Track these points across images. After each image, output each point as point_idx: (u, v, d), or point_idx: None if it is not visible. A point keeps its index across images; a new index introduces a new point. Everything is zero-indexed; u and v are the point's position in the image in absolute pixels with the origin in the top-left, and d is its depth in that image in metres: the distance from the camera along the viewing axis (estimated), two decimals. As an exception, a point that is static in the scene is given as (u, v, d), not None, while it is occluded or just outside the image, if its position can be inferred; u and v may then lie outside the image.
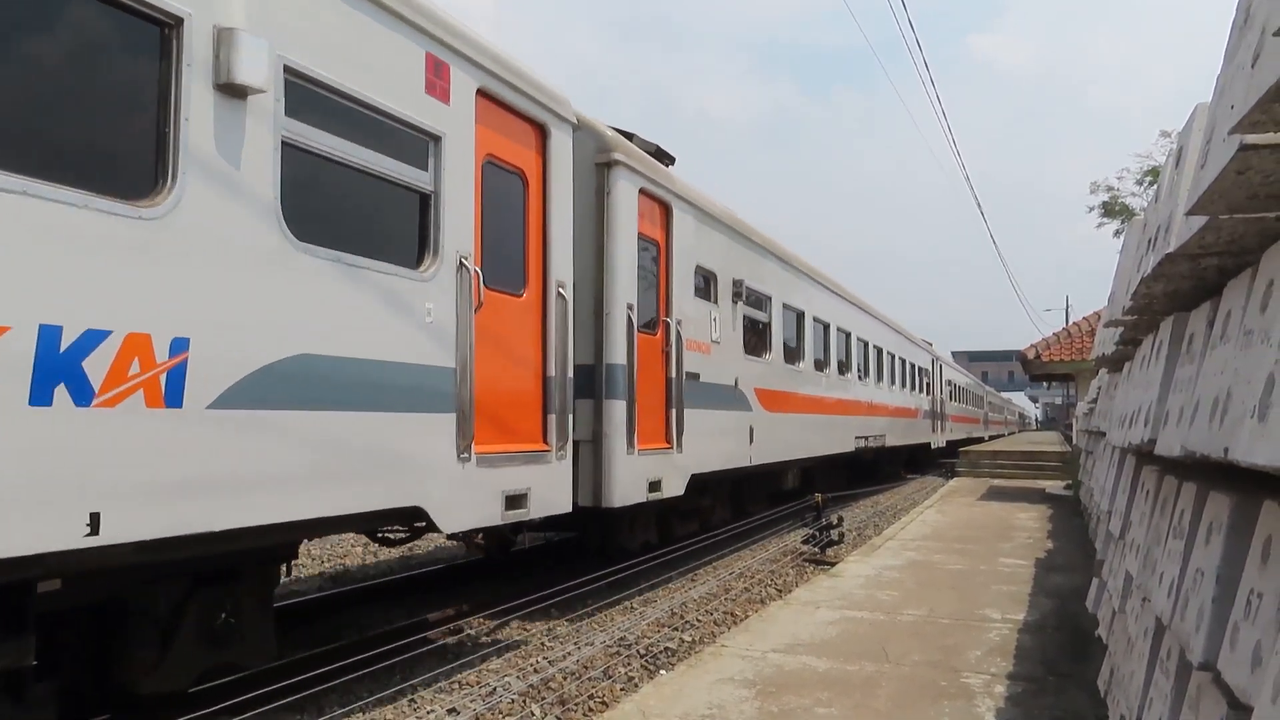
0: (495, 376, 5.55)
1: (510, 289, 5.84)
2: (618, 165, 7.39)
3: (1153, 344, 3.64)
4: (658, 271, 8.24)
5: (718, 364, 9.41)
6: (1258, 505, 1.78)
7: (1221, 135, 1.74)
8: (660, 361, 8.18)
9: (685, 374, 8.45)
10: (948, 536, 10.81)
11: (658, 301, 8.22)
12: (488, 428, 5.39)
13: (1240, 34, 1.73)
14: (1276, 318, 1.65)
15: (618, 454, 7.17)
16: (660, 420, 8.10)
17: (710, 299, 9.43)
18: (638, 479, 7.46)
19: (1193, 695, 2.01)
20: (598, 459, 7.13)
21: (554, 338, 6.18)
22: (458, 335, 5.14)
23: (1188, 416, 2.31)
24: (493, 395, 5.50)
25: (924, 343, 25.40)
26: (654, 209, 8.17)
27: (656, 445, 7.91)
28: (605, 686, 5.29)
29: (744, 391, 10.19)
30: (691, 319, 8.75)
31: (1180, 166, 2.67)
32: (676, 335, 8.33)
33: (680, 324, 8.42)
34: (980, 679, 4.84)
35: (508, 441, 5.66)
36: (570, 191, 6.50)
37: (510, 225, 5.90)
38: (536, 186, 6.14)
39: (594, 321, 7.26)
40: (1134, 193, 28.46)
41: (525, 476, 5.75)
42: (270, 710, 4.46)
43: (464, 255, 5.24)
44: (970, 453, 25.06)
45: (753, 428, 10.36)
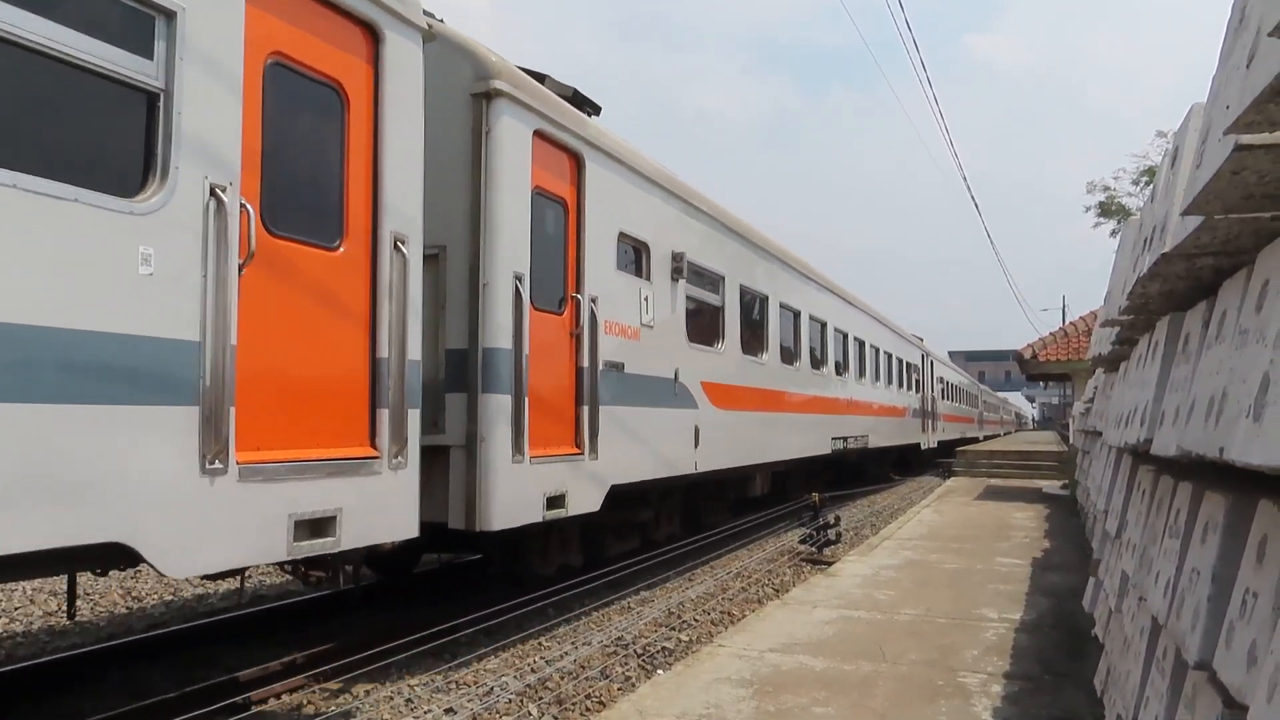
0: (284, 357, 4.11)
1: (316, 238, 4.35)
2: (501, 98, 5.85)
3: (1149, 344, 3.65)
4: (565, 237, 6.68)
5: (650, 353, 7.93)
6: (1253, 505, 1.78)
7: (1217, 135, 1.74)
8: (568, 347, 6.66)
9: (604, 363, 6.98)
10: (945, 536, 10.82)
11: (565, 274, 6.66)
12: (265, 428, 3.98)
13: (1235, 35, 1.73)
14: (1271, 317, 1.65)
15: (498, 462, 5.68)
16: (567, 420, 6.59)
17: (641, 275, 7.93)
18: (530, 493, 5.99)
19: (1188, 694, 2.02)
20: (471, 468, 5.63)
21: (389, 308, 4.68)
22: (206, 296, 3.67)
23: (1183, 416, 2.32)
24: (277, 383, 4.08)
25: (914, 338, 24.39)
26: (560, 160, 6.65)
27: (560, 450, 6.41)
28: (602, 686, 5.29)
29: (687, 386, 8.69)
30: (614, 298, 7.25)
31: (1176, 166, 2.68)
32: (590, 316, 6.82)
33: (596, 302, 6.89)
34: (977, 678, 4.85)
35: (305, 445, 4.20)
36: (420, 120, 5.02)
37: (318, 153, 4.48)
38: (363, 108, 4.68)
39: (469, 295, 5.78)
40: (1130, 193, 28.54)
41: (334, 492, 4.25)
42: (268, 710, 4.45)
43: (219, 184, 3.75)
44: (967, 452, 25.08)
45: (698, 428, 8.84)
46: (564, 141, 6.65)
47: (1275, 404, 1.46)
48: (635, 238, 7.80)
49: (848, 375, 15.80)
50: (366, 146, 4.71)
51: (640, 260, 8.01)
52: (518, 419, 5.87)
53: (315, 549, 4.18)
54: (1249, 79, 1.48)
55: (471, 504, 5.63)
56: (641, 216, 7.92)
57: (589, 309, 6.85)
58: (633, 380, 7.56)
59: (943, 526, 11.79)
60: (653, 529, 9.19)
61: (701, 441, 8.90)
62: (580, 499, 6.62)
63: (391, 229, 4.75)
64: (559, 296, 6.62)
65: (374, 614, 6.96)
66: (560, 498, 6.33)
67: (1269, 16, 1.37)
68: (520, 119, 6.09)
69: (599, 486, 6.91)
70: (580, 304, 6.78)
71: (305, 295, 4.29)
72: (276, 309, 4.09)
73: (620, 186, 7.56)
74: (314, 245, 4.35)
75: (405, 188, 4.90)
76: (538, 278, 6.25)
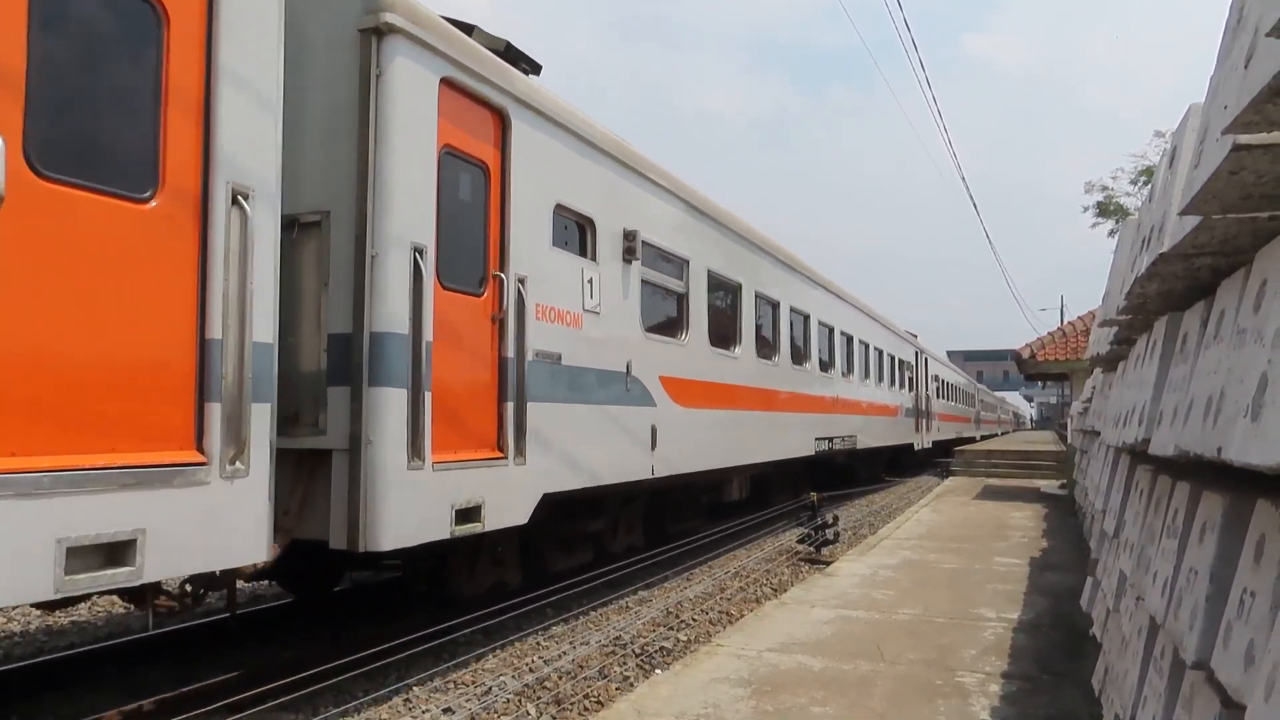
0: (55, 336, 3.31)
1: (115, 186, 3.57)
2: (395, 35, 4.96)
3: (1147, 343, 3.65)
4: (485, 207, 5.78)
5: (596, 342, 6.99)
6: (1251, 504, 1.78)
7: (1215, 135, 1.74)
8: (489, 334, 5.73)
9: (535, 354, 6.06)
10: (943, 536, 10.83)
11: (485, 249, 5.76)
12: (19, 428, 3.18)
13: (1233, 35, 1.73)
14: (1269, 317, 1.65)
15: (388, 468, 4.77)
16: (486, 419, 5.68)
17: (585, 254, 7.01)
18: (432, 505, 5.09)
19: (1186, 694, 2.02)
20: (354, 477, 4.73)
21: (224, 278, 3.90)
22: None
23: (1181, 416, 2.32)
24: (40, 369, 3.26)
25: (907, 334, 23.57)
26: (479, 117, 5.73)
27: (475, 454, 5.51)
28: (601, 686, 5.29)
29: (642, 380, 7.75)
30: (549, 279, 6.34)
31: (1174, 166, 2.68)
32: (517, 298, 5.89)
33: (525, 283, 5.98)
34: (975, 678, 4.85)
35: (86, 449, 3.39)
36: (275, 50, 4.25)
37: (122, 79, 3.68)
38: (192, 28, 3.87)
39: (355, 268, 4.87)
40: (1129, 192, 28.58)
41: (133, 509, 3.47)
42: (265, 710, 4.45)
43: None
44: (965, 452, 25.10)
45: (656, 428, 7.92)
46: (484, 95, 5.70)
47: (1273, 404, 1.46)
48: (577, 211, 6.85)
49: (834, 372, 14.88)
50: (195, 76, 3.89)
51: (584, 238, 7.04)
52: (416, 417, 4.94)
53: (103, 582, 3.36)
54: (1247, 79, 1.48)
55: (355, 519, 4.69)
56: (585, 188, 6.98)
57: (515, 290, 5.90)
58: (573, 373, 6.63)
59: (941, 526, 11.80)
60: (608, 540, 8.30)
61: (660, 443, 7.97)
62: (501, 510, 5.67)
63: (229, 180, 3.94)
64: (478, 275, 5.69)
65: (292, 636, 6.37)
66: (474, 510, 5.39)
67: (1267, 16, 1.37)
68: (422, 62, 5.17)
69: (528, 495, 5.97)
70: (505, 284, 5.81)
71: (97, 257, 3.47)
72: (46, 273, 3.27)
73: (558, 152, 6.59)
74: (112, 194, 3.54)
75: (252, 131, 4.08)
76: (447, 252, 5.36)
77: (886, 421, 19.41)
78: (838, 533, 10.77)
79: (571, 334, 6.65)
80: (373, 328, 4.84)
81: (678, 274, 8.82)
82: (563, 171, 6.68)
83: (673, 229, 8.70)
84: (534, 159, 6.24)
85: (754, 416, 10.77)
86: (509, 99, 5.96)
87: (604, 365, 7.15)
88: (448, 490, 5.21)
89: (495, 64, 5.92)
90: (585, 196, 6.99)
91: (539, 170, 6.31)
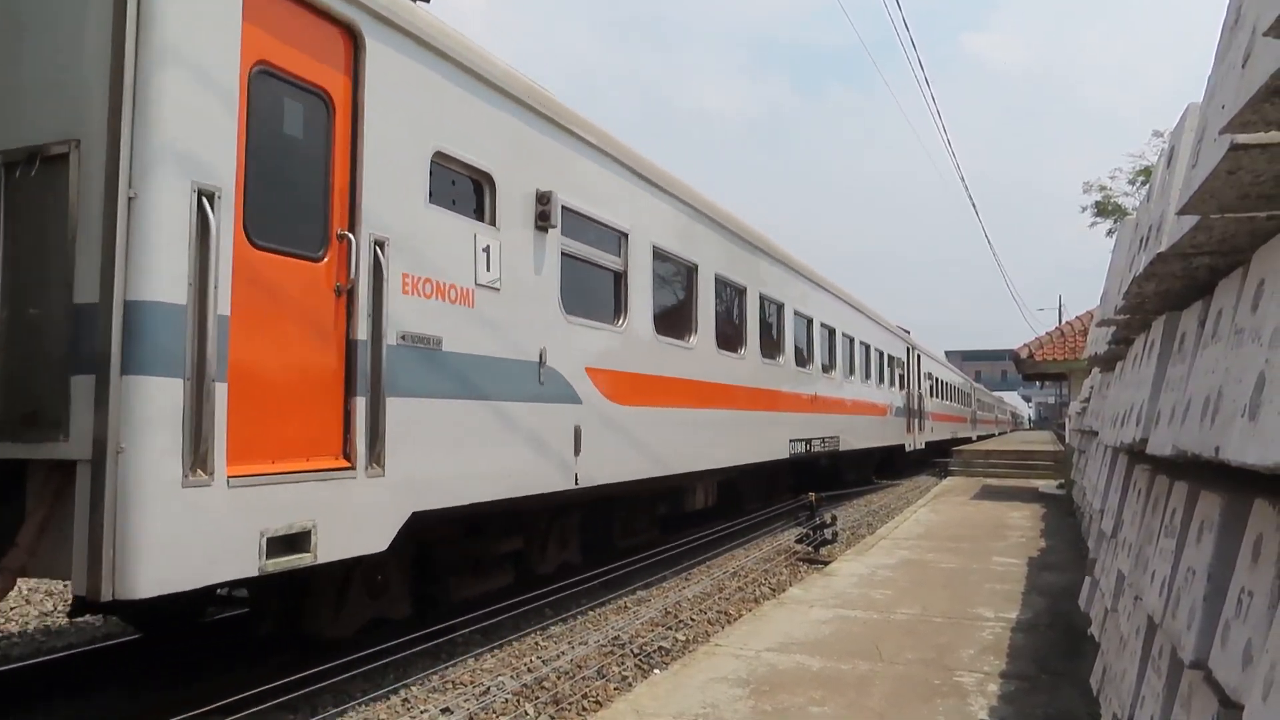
0: None
1: None
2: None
3: (1145, 343, 3.65)
4: (329, 148, 4.60)
5: (495, 325, 5.79)
6: (1248, 504, 1.78)
7: (1213, 135, 1.74)
8: (332, 310, 4.54)
9: (401, 336, 4.90)
10: (941, 535, 10.83)
11: (327, 202, 4.56)
12: None
13: (1231, 34, 1.73)
14: (1267, 317, 1.65)
15: (150, 486, 3.58)
16: (327, 418, 4.48)
17: (480, 217, 5.79)
18: (229, 532, 3.87)
19: (1184, 693, 2.02)
20: (97, 496, 3.54)
21: None
22: None
23: (1179, 416, 2.32)
24: None
25: (899, 330, 22.43)
26: (319, 32, 4.55)
27: (308, 464, 4.30)
28: (599, 685, 5.29)
29: (561, 372, 6.53)
30: (424, 244, 5.18)
31: (1172, 166, 2.68)
32: (374, 266, 4.72)
33: (387, 248, 4.80)
34: (974, 677, 4.85)
35: None
36: None
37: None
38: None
39: (105, 215, 3.66)
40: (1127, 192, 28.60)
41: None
42: (264, 710, 4.44)
43: None
44: (963, 452, 25.12)
45: (581, 429, 6.73)
46: (325, 6, 4.53)
47: (1271, 403, 1.46)
48: (468, 164, 5.64)
49: (813, 368, 13.67)
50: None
51: (479, 198, 5.84)
52: (199, 416, 3.74)
53: None
54: (1244, 78, 1.48)
55: (97, 555, 3.49)
56: (480, 136, 5.73)
57: (371, 255, 4.71)
58: (459, 362, 5.42)
59: (939, 526, 11.81)
60: (535, 559, 7.22)
61: (586, 447, 6.77)
62: (345, 535, 4.46)
63: None
64: (314, 234, 4.48)
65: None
66: (300, 536, 4.17)
67: (1264, 16, 1.37)
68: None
69: (388, 514, 4.78)
70: (354, 247, 4.60)
71: None
72: None
73: (439, 89, 5.36)
74: None
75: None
76: (262, 201, 4.16)
77: (874, 421, 18.38)
78: (836, 533, 10.78)
79: (457, 313, 5.44)
80: (127, 295, 3.61)
81: (614, 248, 7.56)
82: (446, 113, 5.44)
83: (605, 195, 7.41)
84: (402, 93, 5.04)
85: (714, 416, 9.54)
86: (363, 13, 4.75)
87: (505, 353, 5.90)
88: (254, 512, 3.95)
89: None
90: (480, 146, 5.74)
91: (410, 108, 5.12)
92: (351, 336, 4.63)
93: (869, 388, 17.89)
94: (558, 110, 6.70)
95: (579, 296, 6.94)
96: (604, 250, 7.42)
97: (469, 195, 5.79)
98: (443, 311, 5.32)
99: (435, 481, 5.18)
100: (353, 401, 4.61)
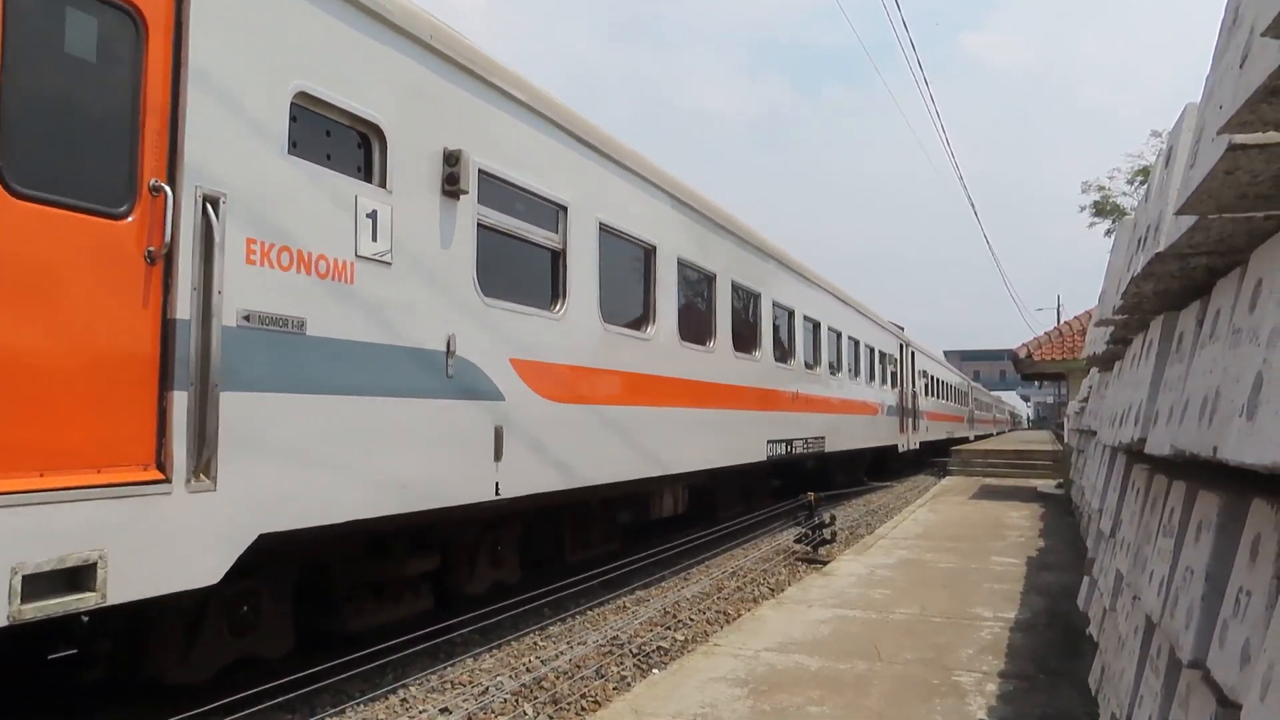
0: None
1: None
2: None
3: (1143, 343, 3.66)
4: (138, 77, 3.68)
5: (383, 306, 4.85)
6: (1246, 504, 1.79)
7: (1210, 135, 1.74)
8: (142, 280, 3.65)
9: (245, 315, 4.02)
10: (940, 535, 10.84)
11: (134, 144, 3.66)
12: None
13: (1229, 35, 1.73)
14: (1265, 317, 1.66)
15: None
16: (133, 416, 3.59)
17: (363, 175, 4.87)
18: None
19: (1182, 693, 2.02)
20: None
21: None
22: None
23: (1177, 415, 2.32)
24: None
25: (892, 325, 21.48)
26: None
27: (97, 477, 3.41)
28: (598, 685, 5.29)
29: (477, 364, 5.56)
30: (281, 204, 4.27)
31: (1170, 166, 2.69)
32: (204, 227, 3.84)
33: (222, 206, 3.93)
34: (972, 677, 4.85)
35: None
36: None
37: None
38: None
39: None
40: (1125, 192, 28.67)
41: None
42: (262, 710, 4.44)
43: None
44: (962, 452, 25.14)
45: (503, 431, 5.75)
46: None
47: (1268, 403, 1.46)
48: (346, 111, 4.71)
49: (794, 363, 12.72)
50: None
51: (364, 153, 4.92)
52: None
53: None
54: (1242, 79, 1.49)
55: None
56: (362, 77, 4.81)
57: (199, 213, 3.83)
58: (332, 350, 4.50)
59: (938, 526, 11.81)
60: (461, 579, 6.34)
61: (511, 451, 5.81)
62: (151, 567, 3.56)
63: None
64: (115, 184, 3.60)
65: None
66: (82, 571, 3.30)
67: (1262, 16, 1.37)
68: None
69: (221, 538, 3.87)
70: (172, 202, 3.71)
71: None
72: None
73: (302, 14, 4.45)
74: None
75: None
76: (27, 136, 3.34)
77: (863, 421, 17.37)
78: (835, 532, 10.78)
79: (330, 291, 4.52)
80: None
81: (550, 223, 6.57)
82: (313, 47, 4.51)
83: (539, 161, 6.39)
84: (247, 15, 4.15)
85: (677, 415, 8.59)
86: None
87: (397, 340, 4.93)
88: (1, 541, 3.06)
89: None
90: (363, 91, 4.81)
91: (258, 35, 4.21)
92: (169, 315, 3.71)
93: (858, 385, 17.05)
94: (472, 56, 5.64)
95: (502, 277, 5.99)
96: (537, 225, 6.42)
97: (349, 150, 4.84)
98: (308, 287, 4.39)
99: (294, 495, 4.25)
100: (169, 397, 3.68)
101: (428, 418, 5.15)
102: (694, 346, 9.14)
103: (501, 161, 5.95)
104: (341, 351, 4.58)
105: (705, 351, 9.44)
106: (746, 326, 10.96)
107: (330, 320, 4.51)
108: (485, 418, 5.68)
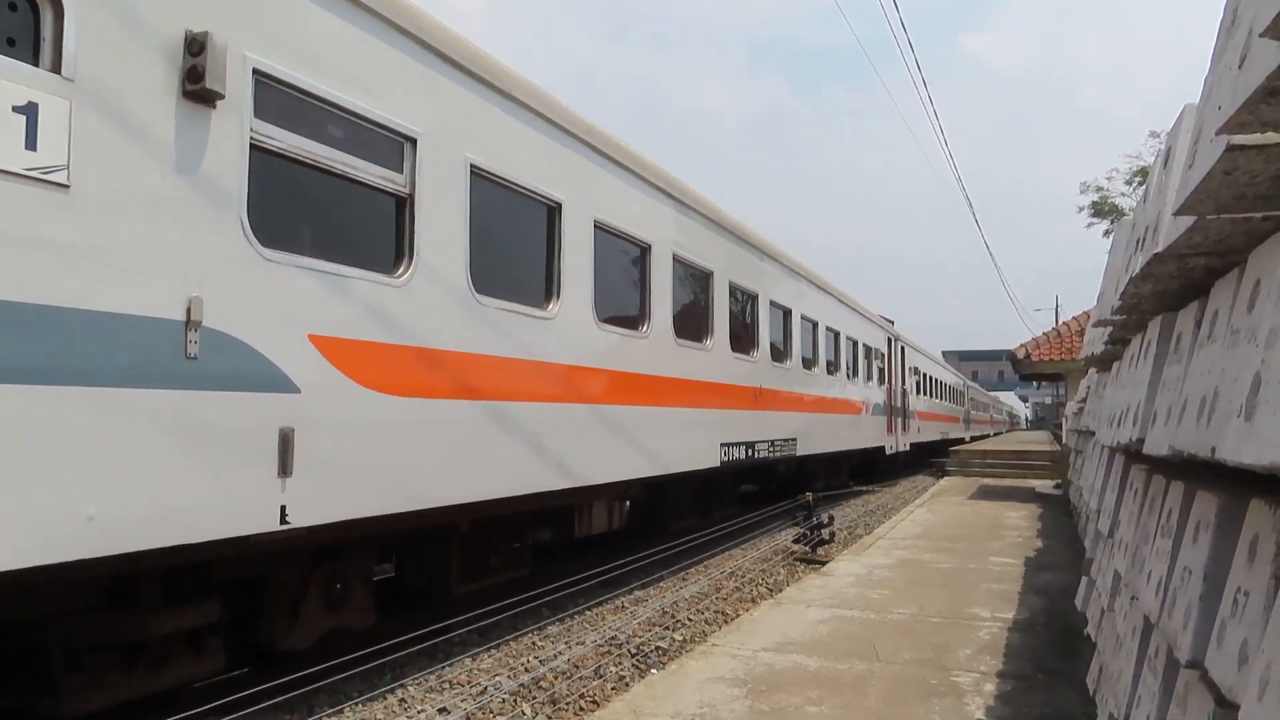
0: None
1: None
2: None
3: (1141, 343, 3.66)
4: None
5: (50, 249, 3.26)
6: (1245, 504, 1.79)
7: (1209, 136, 1.74)
8: None
9: None
10: (938, 535, 10.84)
11: None
12: None
13: (1227, 35, 1.73)
14: (1263, 317, 1.66)
15: None
16: None
17: (15, 50, 3.26)
18: None
19: (1180, 693, 2.03)
20: None
21: None
22: None
23: (1175, 416, 2.32)
24: None
25: (880, 318, 20.12)
26: None
27: None
28: (596, 685, 5.29)
29: (242, 341, 4.02)
30: None
31: (1168, 167, 2.69)
32: None
33: None
34: (970, 677, 4.85)
35: None
36: None
37: None
38: None
39: None
40: (1123, 193, 28.71)
41: None
42: (260, 710, 4.44)
43: None
44: (960, 452, 25.16)
45: (292, 435, 4.21)
46: None
47: (1266, 403, 1.46)
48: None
49: (758, 355, 11.18)
50: None
51: (31, 25, 3.41)
52: None
53: None
54: (1241, 79, 1.49)
55: None
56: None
57: None
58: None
59: (936, 526, 11.82)
60: (280, 631, 5.01)
61: (308, 462, 4.29)
62: None
63: None
64: None
65: None
66: None
67: (1261, 17, 1.37)
68: None
69: None
70: None
71: None
72: None
73: None
74: None
75: None
76: None
77: (844, 420, 15.84)
78: (833, 532, 10.79)
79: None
80: None
81: (389, 159, 5.02)
82: None
83: (370, 73, 4.85)
84: None
85: (592, 413, 7.11)
86: None
87: (86, 302, 3.37)
88: None
89: None
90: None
91: None
92: None
93: (838, 382, 15.43)
94: None
95: (304, 224, 4.62)
96: (366, 159, 4.84)
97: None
98: None
99: None
100: None
101: (144, 418, 3.58)
102: (620, 330, 7.65)
103: (299, 62, 4.37)
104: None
105: (637, 337, 7.98)
106: (696, 310, 9.49)
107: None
108: (260, 416, 4.11)
